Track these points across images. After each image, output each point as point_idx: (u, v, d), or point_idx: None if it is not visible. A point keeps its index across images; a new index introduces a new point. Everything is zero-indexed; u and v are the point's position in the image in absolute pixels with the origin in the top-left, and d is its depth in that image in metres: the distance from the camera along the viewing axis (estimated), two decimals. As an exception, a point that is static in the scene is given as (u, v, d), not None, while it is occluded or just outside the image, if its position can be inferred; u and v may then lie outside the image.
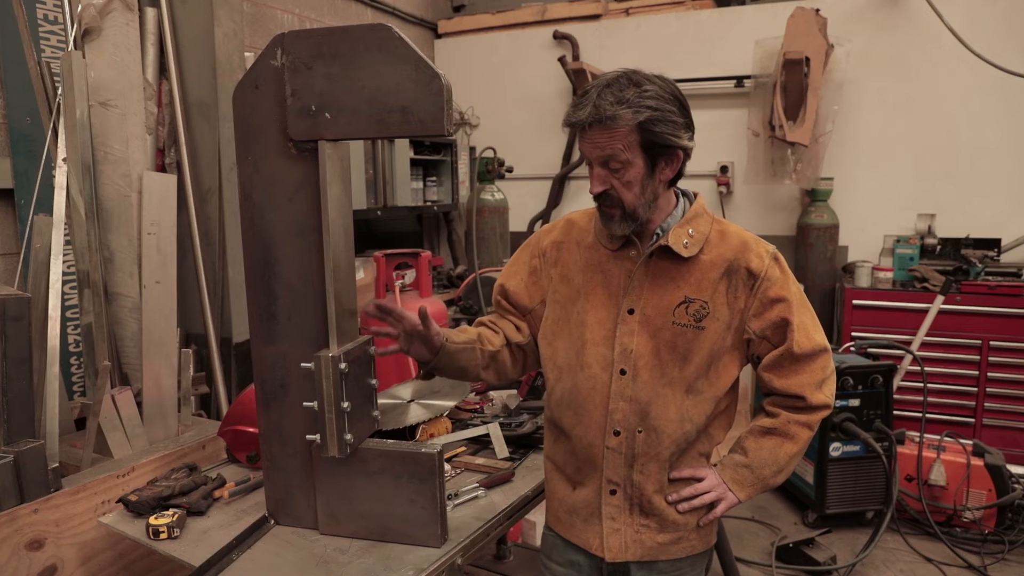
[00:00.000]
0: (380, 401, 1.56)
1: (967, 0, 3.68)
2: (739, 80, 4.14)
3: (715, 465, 1.41)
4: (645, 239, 1.35)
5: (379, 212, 3.84)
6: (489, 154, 4.44)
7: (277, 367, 1.46)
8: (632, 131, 1.22)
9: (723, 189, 4.26)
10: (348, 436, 1.36)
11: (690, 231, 1.34)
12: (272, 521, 1.54)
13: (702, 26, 4.28)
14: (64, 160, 2.22)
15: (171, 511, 1.55)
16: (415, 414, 1.93)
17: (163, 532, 1.50)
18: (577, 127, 1.26)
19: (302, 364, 1.36)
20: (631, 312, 1.34)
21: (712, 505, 1.37)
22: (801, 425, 1.36)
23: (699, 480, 1.37)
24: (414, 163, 4.18)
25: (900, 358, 3.45)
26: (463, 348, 1.44)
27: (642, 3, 4.49)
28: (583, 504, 1.39)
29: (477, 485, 1.65)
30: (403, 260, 2.98)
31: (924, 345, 3.45)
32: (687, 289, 1.33)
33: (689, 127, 1.28)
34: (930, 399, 3.36)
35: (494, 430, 1.89)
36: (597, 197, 1.30)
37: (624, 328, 1.33)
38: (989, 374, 3.48)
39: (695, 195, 1.42)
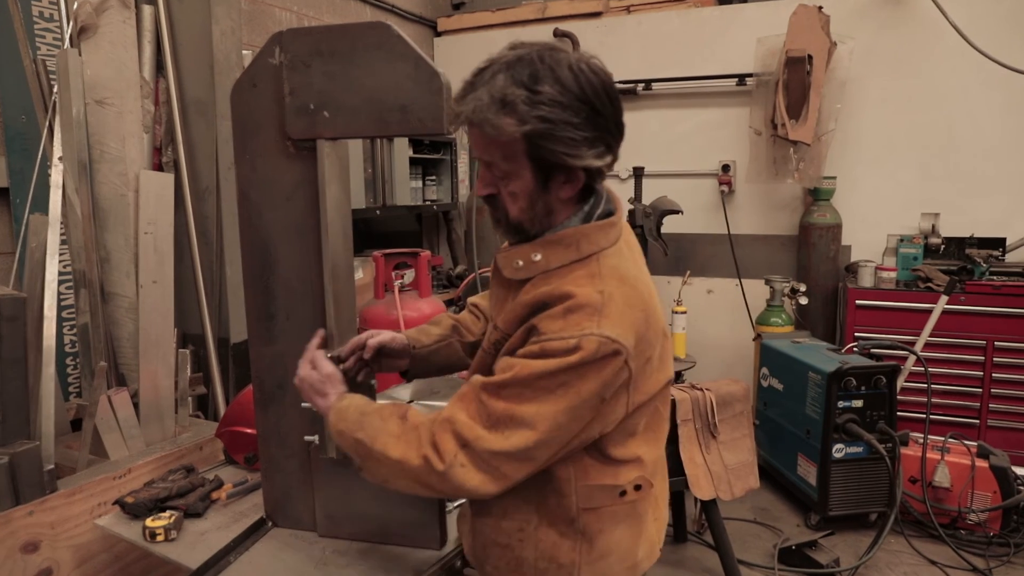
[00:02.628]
0: (379, 401, 1.55)
1: (971, -2, 3.67)
2: (741, 78, 4.11)
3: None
4: None
5: (378, 211, 3.83)
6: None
7: (275, 367, 1.45)
8: (518, 141, 1.00)
9: (725, 188, 4.24)
10: (347, 438, 1.34)
11: (535, 256, 1.07)
12: (270, 523, 1.53)
13: (704, 23, 4.26)
14: (60, 159, 2.21)
15: (168, 513, 1.54)
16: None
17: (160, 534, 1.49)
18: (459, 127, 1.07)
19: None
20: (496, 327, 1.17)
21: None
22: (411, 439, 1.06)
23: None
24: (413, 162, 4.17)
25: (904, 359, 3.44)
26: (436, 348, 1.41)
27: (643, 0, 4.47)
28: None
29: (478, 487, 1.63)
30: (402, 260, 2.96)
31: (928, 345, 3.43)
32: (499, 317, 1.12)
33: (598, 141, 1.01)
34: (934, 400, 3.34)
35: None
36: (485, 201, 1.10)
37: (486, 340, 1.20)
38: (994, 375, 3.46)
39: (612, 213, 1.12)
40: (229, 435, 1.86)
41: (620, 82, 4.40)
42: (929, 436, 3.05)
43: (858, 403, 3.00)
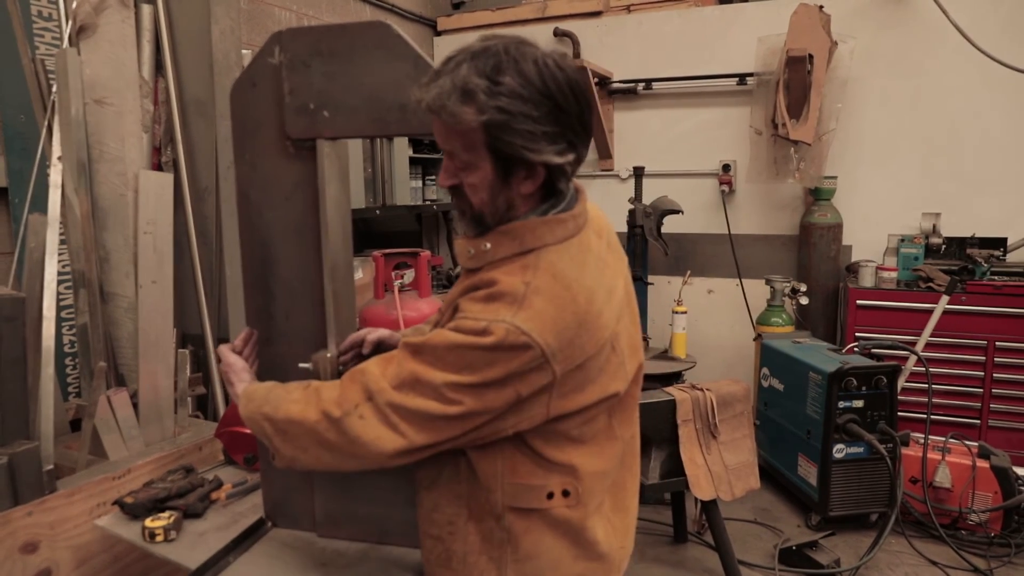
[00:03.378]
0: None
1: (972, -3, 3.66)
2: (741, 78, 4.11)
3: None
4: None
5: (378, 211, 3.82)
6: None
7: (275, 368, 1.45)
8: (477, 131, 0.98)
9: (725, 188, 4.23)
10: (346, 439, 1.33)
11: (485, 246, 1.06)
12: (270, 523, 1.53)
13: (704, 23, 4.25)
14: (59, 158, 2.20)
15: (167, 513, 1.54)
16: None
17: (159, 535, 1.49)
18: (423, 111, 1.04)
19: (300, 365, 1.35)
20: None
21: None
22: (311, 399, 1.10)
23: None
24: (413, 162, 4.16)
25: (904, 359, 3.43)
26: None
27: (643, 0, 4.47)
28: None
29: (478, 488, 1.63)
30: (402, 260, 2.95)
31: (929, 346, 3.42)
32: (444, 300, 1.15)
33: (559, 138, 0.99)
34: (935, 400, 3.34)
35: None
36: (449, 191, 1.10)
37: None
38: (995, 375, 3.45)
39: (577, 205, 1.09)
40: (228, 435, 1.86)
41: (620, 82, 4.40)
42: (930, 436, 3.05)
43: (859, 403, 3.00)
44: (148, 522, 1.50)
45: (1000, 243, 3.70)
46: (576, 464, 1.10)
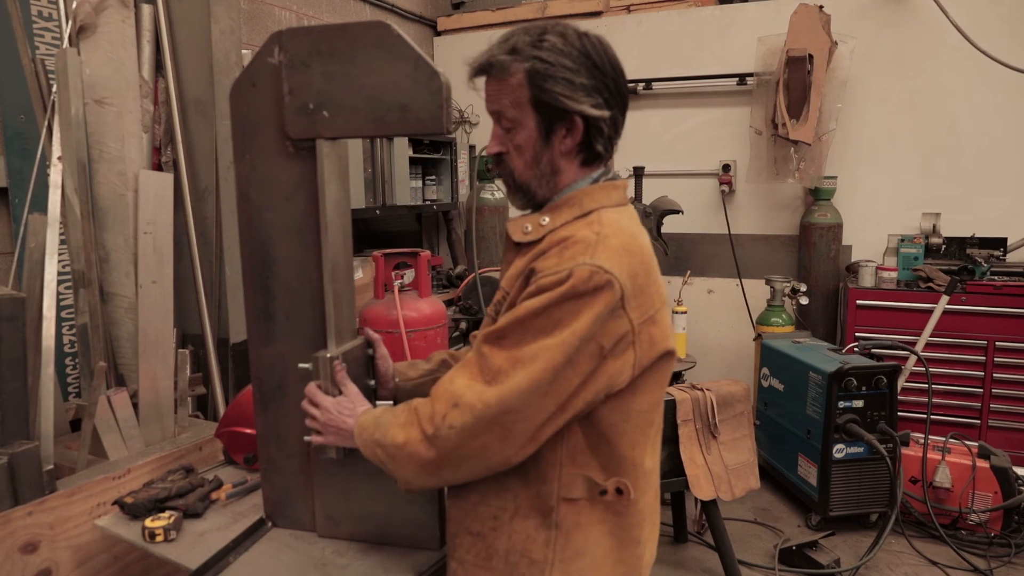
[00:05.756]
0: (379, 402, 1.54)
1: (972, -3, 3.66)
2: (741, 78, 4.11)
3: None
4: None
5: (378, 211, 3.82)
6: (489, 153, 4.41)
7: (275, 368, 1.45)
8: (522, 85, 1.07)
9: (725, 188, 4.23)
10: (346, 438, 1.33)
11: (543, 220, 1.11)
12: (270, 523, 1.53)
13: (704, 23, 4.26)
14: (59, 158, 2.20)
15: (167, 513, 1.53)
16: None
17: (159, 535, 1.48)
18: (472, 76, 1.14)
19: (300, 365, 1.34)
20: (500, 288, 1.21)
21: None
22: (412, 419, 1.07)
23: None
24: (413, 162, 4.16)
25: (904, 359, 3.43)
26: (421, 383, 1.40)
27: (644, 0, 4.47)
28: None
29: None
30: (402, 260, 2.95)
31: (929, 346, 3.43)
32: (504, 278, 1.15)
33: (595, 92, 1.07)
34: (935, 400, 3.34)
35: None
36: (494, 162, 1.16)
37: None
38: (995, 375, 3.46)
39: (613, 179, 1.16)
40: (228, 435, 1.85)
41: (620, 82, 4.40)
42: (930, 436, 3.05)
43: (859, 403, 3.00)
44: (148, 522, 1.50)
45: (1000, 243, 3.70)
46: (635, 458, 1.11)
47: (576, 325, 0.98)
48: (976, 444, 3.07)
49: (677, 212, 3.83)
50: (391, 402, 1.45)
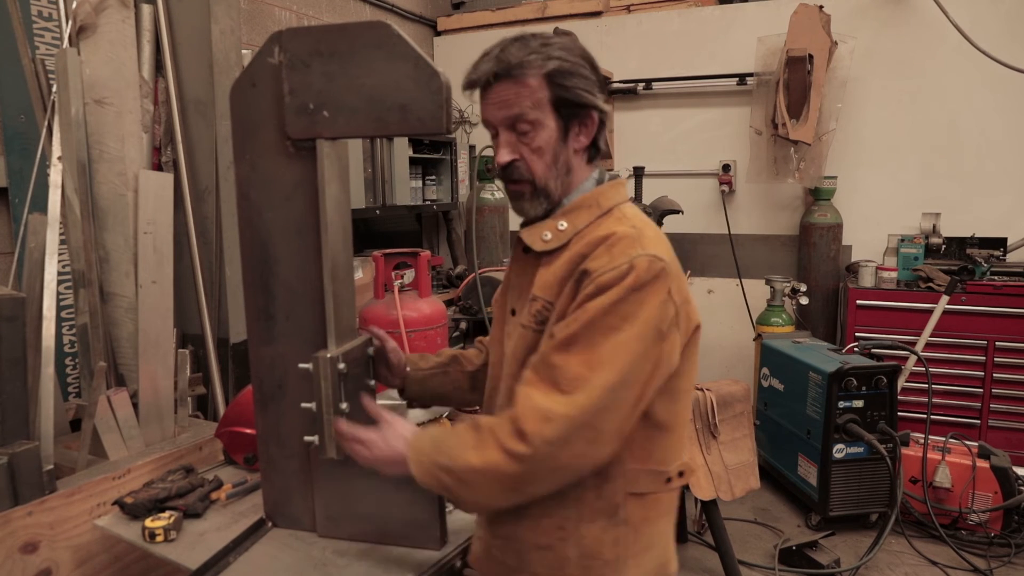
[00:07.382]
0: (379, 402, 1.54)
1: (972, -3, 3.66)
2: (741, 78, 4.11)
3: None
4: None
5: (378, 211, 3.82)
6: (489, 153, 4.40)
7: (275, 368, 1.45)
8: (542, 85, 1.08)
9: (725, 188, 4.23)
10: (346, 439, 1.33)
11: (561, 225, 1.11)
12: (270, 523, 1.53)
13: (704, 23, 4.26)
14: (59, 158, 2.20)
15: (167, 513, 1.53)
16: (415, 416, 1.91)
17: (159, 535, 1.48)
18: (480, 85, 1.11)
19: (300, 365, 1.34)
20: (513, 313, 1.19)
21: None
22: (488, 441, 1.02)
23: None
24: (413, 162, 4.16)
25: (904, 359, 3.43)
26: (432, 374, 1.40)
27: (644, 0, 4.47)
28: None
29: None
30: (402, 260, 2.95)
31: (929, 346, 3.43)
32: (535, 286, 1.12)
33: (599, 89, 1.13)
34: (935, 400, 3.34)
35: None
36: (504, 171, 1.13)
37: (507, 330, 1.20)
38: (995, 375, 3.46)
39: (613, 179, 1.20)
40: (228, 435, 1.85)
41: (620, 82, 4.40)
42: (930, 436, 3.05)
43: (859, 403, 3.00)
44: (148, 522, 1.50)
45: (1000, 243, 3.70)
46: (684, 436, 1.15)
47: (645, 315, 1.00)
48: (976, 444, 3.07)
49: (677, 212, 3.83)
50: (397, 394, 1.46)
